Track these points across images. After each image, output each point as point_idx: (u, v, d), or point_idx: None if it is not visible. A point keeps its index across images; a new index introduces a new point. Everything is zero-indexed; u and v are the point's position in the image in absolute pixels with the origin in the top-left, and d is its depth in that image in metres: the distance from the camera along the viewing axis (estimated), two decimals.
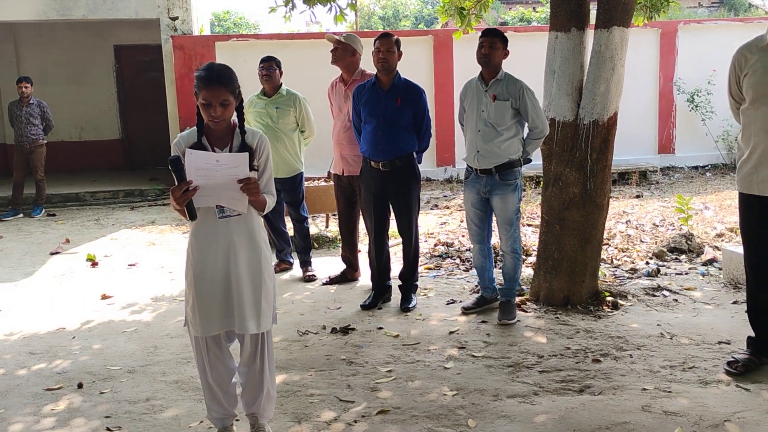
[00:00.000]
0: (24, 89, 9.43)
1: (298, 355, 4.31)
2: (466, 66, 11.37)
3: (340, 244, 6.14)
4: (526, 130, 4.78)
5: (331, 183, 7.79)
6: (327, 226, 8.15)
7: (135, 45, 12.97)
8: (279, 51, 10.37)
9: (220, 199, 2.97)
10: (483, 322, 4.78)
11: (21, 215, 9.58)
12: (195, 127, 3.05)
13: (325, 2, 6.88)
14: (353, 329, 4.72)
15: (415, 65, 11.19)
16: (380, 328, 4.73)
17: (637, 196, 9.86)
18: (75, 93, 13.16)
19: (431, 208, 9.56)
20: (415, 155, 5.08)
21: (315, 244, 7.38)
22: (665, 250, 6.43)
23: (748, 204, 3.75)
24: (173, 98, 11.02)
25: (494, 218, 4.88)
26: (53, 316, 5.24)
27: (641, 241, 7.00)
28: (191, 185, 2.87)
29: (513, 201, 4.71)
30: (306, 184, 7.66)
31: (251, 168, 3.02)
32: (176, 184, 2.87)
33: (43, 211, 9.75)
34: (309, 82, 9.13)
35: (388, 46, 4.91)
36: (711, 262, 6.06)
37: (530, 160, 4.81)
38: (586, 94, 4.86)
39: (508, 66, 4.72)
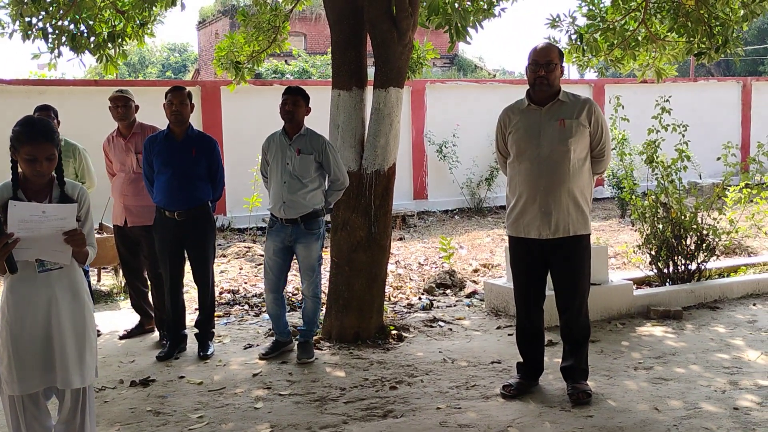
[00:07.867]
0: None
1: (99, 411, 4.15)
2: (235, 117, 11.65)
3: (128, 295, 6.00)
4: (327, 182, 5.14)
5: (105, 235, 7.55)
6: (99, 281, 7.81)
7: None
8: (63, 98, 9.83)
9: (42, 252, 2.91)
10: (283, 362, 4.99)
11: None
12: (9, 181, 2.97)
13: (94, 52, 6.73)
14: (153, 380, 4.67)
15: None
16: (182, 377, 4.73)
17: (401, 239, 10.69)
18: None
19: None
20: (209, 204, 5.22)
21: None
22: (434, 285, 7.14)
23: (517, 245, 4.29)
24: None
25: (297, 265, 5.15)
26: None
27: (410, 279, 7.68)
28: (12, 238, 2.80)
29: (316, 248, 5.01)
30: None
31: None
32: None
33: None
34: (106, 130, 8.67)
35: (181, 98, 5.03)
36: (472, 294, 6.85)
37: (332, 210, 5.20)
38: (368, 146, 5.36)
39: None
